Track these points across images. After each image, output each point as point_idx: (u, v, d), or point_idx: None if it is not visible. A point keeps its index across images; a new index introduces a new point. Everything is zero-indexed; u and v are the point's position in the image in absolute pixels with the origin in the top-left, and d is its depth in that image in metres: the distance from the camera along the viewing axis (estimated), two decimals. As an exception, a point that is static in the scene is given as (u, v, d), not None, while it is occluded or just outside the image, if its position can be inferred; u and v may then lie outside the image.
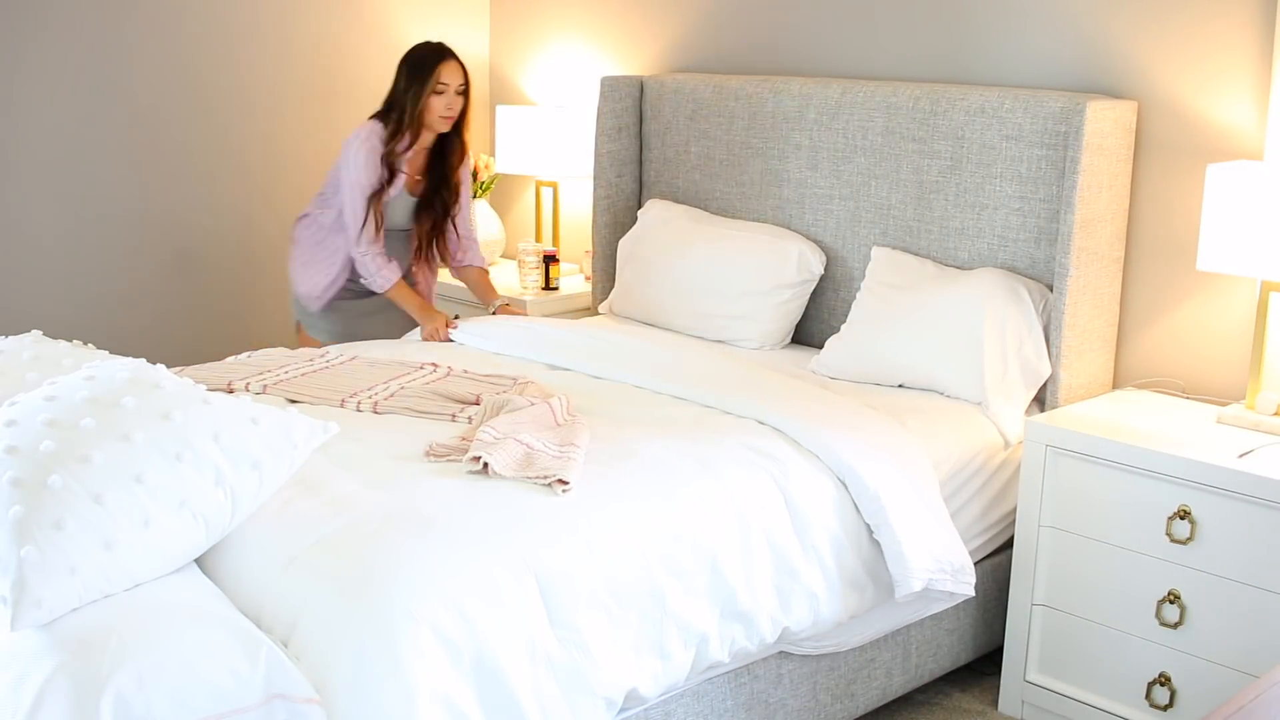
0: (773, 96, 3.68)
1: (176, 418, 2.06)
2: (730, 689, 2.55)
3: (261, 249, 4.39)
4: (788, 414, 2.76)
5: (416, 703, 1.92)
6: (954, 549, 2.70)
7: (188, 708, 1.78)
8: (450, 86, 3.50)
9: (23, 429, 2.00)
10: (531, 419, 2.61)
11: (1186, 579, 2.66)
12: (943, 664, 3.02)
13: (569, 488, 2.34)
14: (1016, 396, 3.06)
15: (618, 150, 4.05)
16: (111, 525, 1.92)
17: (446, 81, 3.49)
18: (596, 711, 2.18)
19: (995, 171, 3.21)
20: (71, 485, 1.91)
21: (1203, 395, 3.05)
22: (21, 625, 1.84)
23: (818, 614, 2.56)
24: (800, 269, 3.54)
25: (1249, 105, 2.93)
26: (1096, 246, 3.05)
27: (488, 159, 4.65)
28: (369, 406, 2.79)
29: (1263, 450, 2.66)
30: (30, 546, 1.84)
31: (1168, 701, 2.71)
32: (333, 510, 2.23)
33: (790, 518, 2.54)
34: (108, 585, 1.93)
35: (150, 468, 1.98)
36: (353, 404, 2.80)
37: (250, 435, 2.12)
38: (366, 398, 2.82)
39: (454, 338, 3.48)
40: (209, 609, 1.97)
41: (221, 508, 2.07)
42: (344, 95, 4.48)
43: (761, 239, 3.62)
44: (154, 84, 4.08)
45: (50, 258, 3.94)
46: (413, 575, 2.04)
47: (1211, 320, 3.05)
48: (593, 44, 4.45)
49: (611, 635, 2.22)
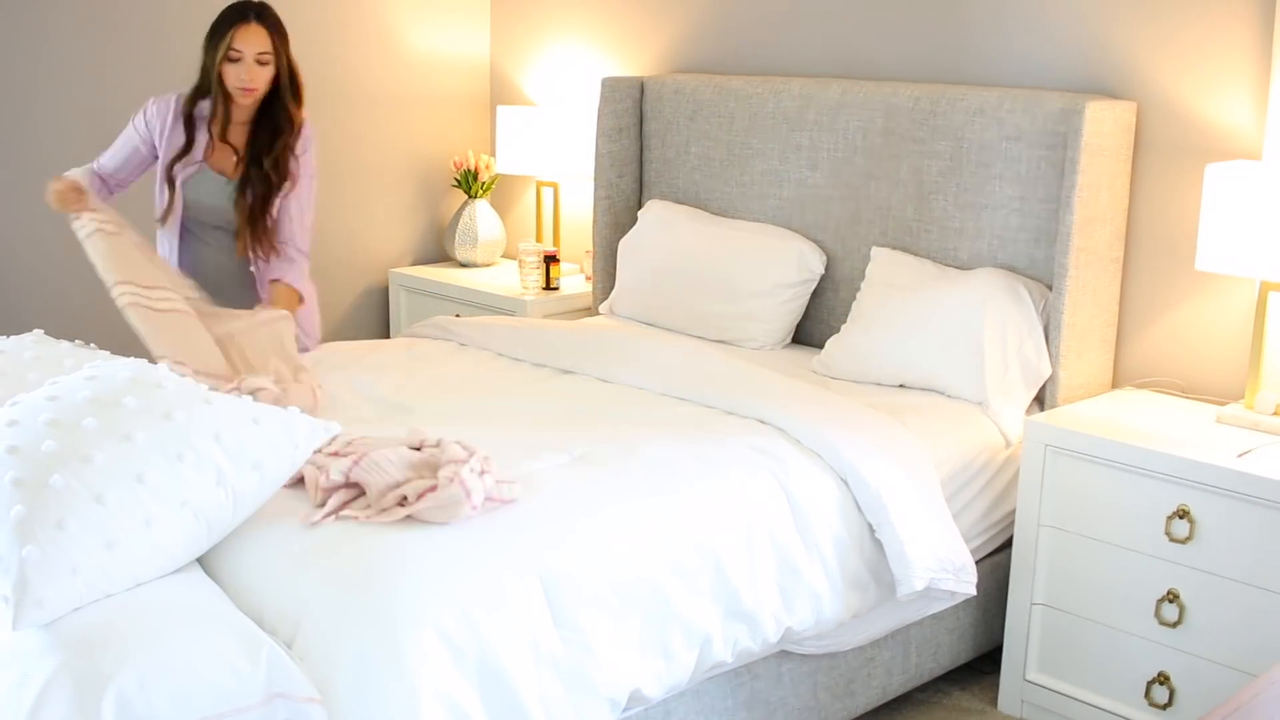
0: (773, 96, 3.69)
1: (178, 417, 2.06)
2: (730, 688, 2.56)
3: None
4: (790, 414, 2.76)
5: (420, 704, 1.93)
6: (956, 548, 2.71)
7: (189, 707, 1.78)
8: (246, 54, 3.06)
9: (24, 429, 2.00)
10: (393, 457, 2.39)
11: (1186, 578, 2.66)
12: (943, 663, 3.03)
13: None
14: (1017, 396, 3.06)
15: (618, 150, 4.05)
16: (113, 525, 1.92)
17: (240, 48, 3.05)
18: (600, 711, 2.18)
19: (995, 172, 3.22)
20: (73, 485, 1.91)
21: (1202, 395, 3.06)
22: (23, 625, 1.84)
23: (820, 613, 2.56)
24: (801, 269, 3.54)
25: (1248, 105, 2.93)
26: (1096, 246, 3.06)
27: (488, 159, 4.65)
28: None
29: (1262, 450, 2.66)
30: (32, 546, 1.84)
31: (1167, 700, 2.72)
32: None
33: (793, 517, 2.54)
34: (109, 585, 1.93)
35: (151, 467, 1.99)
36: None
37: (252, 435, 2.12)
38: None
39: (455, 338, 3.47)
40: (210, 609, 1.97)
41: (223, 507, 2.07)
42: (344, 97, 4.49)
43: (762, 239, 3.62)
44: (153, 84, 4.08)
45: (51, 257, 3.94)
46: (416, 576, 2.04)
47: (1211, 320, 3.06)
48: (593, 44, 4.46)
49: (615, 635, 2.22)
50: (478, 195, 4.64)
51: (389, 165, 4.67)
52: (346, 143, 4.53)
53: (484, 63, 4.86)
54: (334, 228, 4.55)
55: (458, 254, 4.64)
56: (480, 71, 4.84)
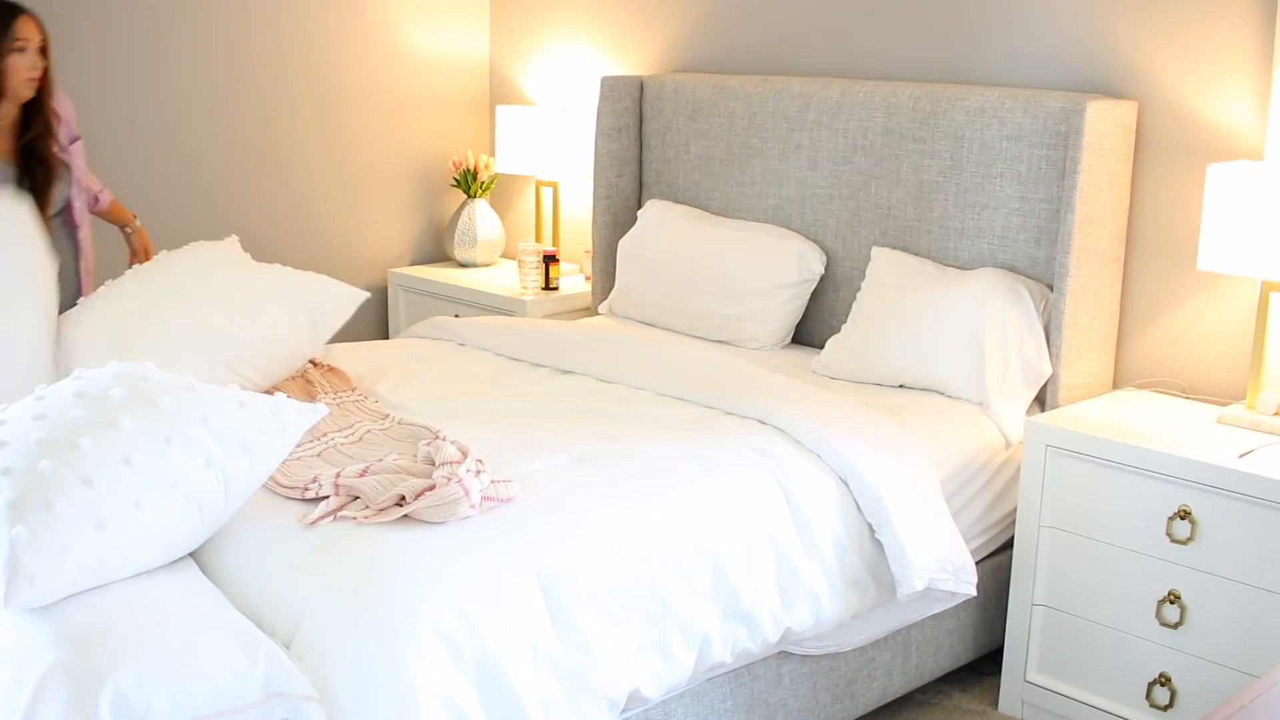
0: (773, 96, 3.68)
1: (164, 403, 2.07)
2: (730, 689, 2.55)
3: (263, 252, 4.38)
4: (789, 414, 2.76)
5: (418, 703, 1.92)
6: (956, 548, 2.70)
7: (186, 705, 1.78)
8: (30, 43, 3.10)
9: (12, 426, 2.02)
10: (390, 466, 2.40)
11: (1187, 579, 2.66)
12: (943, 664, 3.02)
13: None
14: (1017, 396, 3.06)
15: (618, 150, 4.05)
16: (103, 506, 1.93)
17: (26, 37, 3.09)
18: (599, 712, 2.18)
19: (995, 171, 3.21)
20: (61, 470, 1.92)
21: (1203, 395, 3.05)
22: (16, 603, 1.85)
23: (820, 614, 2.56)
24: (800, 269, 3.53)
25: (1249, 105, 2.93)
26: (1097, 246, 3.05)
27: (488, 159, 4.65)
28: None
29: (1263, 450, 2.66)
30: (21, 527, 1.86)
31: (1168, 702, 2.71)
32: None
33: (792, 517, 2.54)
34: (102, 567, 1.93)
35: (139, 451, 2.00)
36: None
37: (239, 418, 2.13)
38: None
39: (454, 338, 3.47)
40: (208, 608, 1.97)
41: (214, 490, 2.08)
42: (343, 96, 4.48)
43: (762, 239, 3.62)
44: (153, 85, 4.07)
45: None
46: (415, 576, 2.04)
47: (1212, 320, 3.05)
48: (593, 44, 4.45)
49: (614, 636, 2.22)
50: (477, 195, 4.63)
51: (388, 165, 4.67)
52: (346, 142, 4.52)
53: (483, 62, 4.85)
54: (333, 228, 4.55)
55: (457, 254, 4.64)
56: (480, 71, 4.84)
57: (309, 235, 4.49)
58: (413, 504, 2.18)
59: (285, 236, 4.43)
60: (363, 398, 2.91)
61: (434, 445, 2.41)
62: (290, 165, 4.41)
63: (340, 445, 2.58)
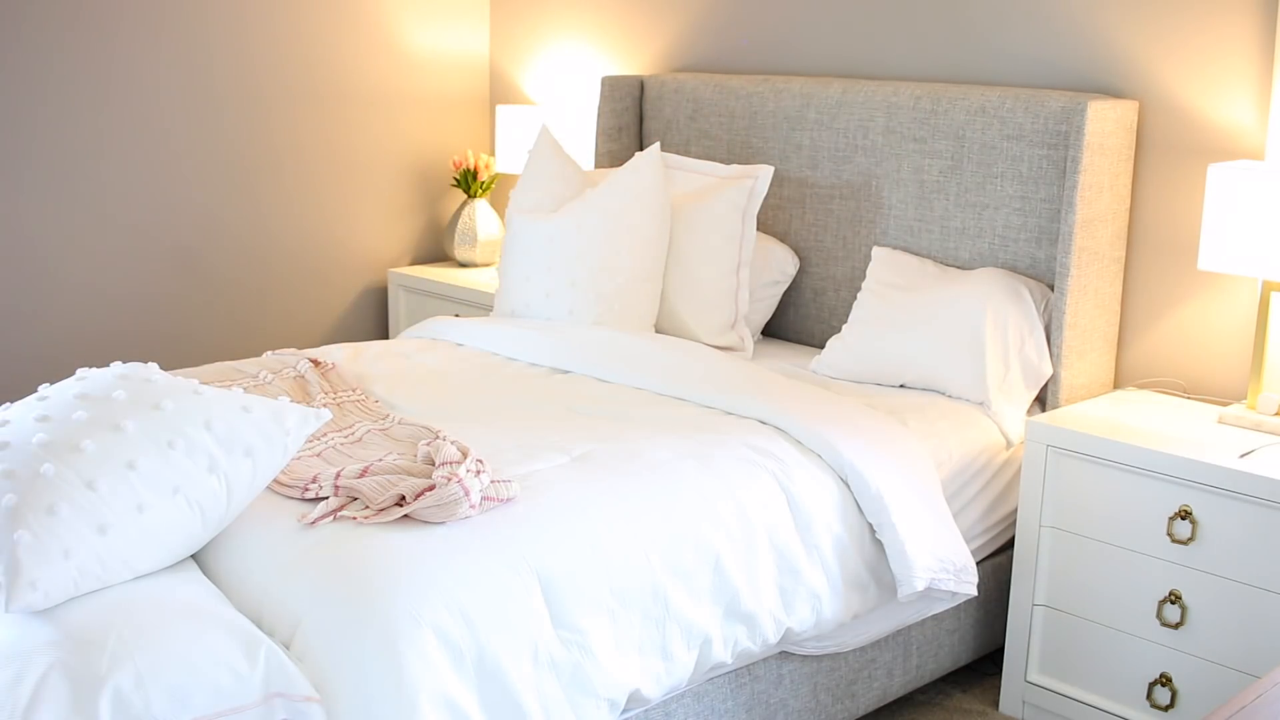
0: (773, 96, 3.68)
1: (167, 407, 2.07)
2: (730, 689, 2.55)
3: (263, 252, 4.38)
4: (790, 414, 2.75)
5: (418, 704, 1.92)
6: (956, 549, 2.70)
7: (186, 706, 1.78)
8: None
9: (15, 427, 2.02)
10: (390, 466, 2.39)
11: (1187, 579, 2.66)
12: (943, 664, 3.02)
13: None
14: (1018, 396, 3.05)
15: (618, 150, 4.04)
16: (105, 510, 1.93)
17: None
18: (599, 713, 2.18)
19: (996, 171, 3.21)
20: (64, 473, 1.92)
21: (1204, 395, 3.05)
22: (17, 607, 1.85)
23: (820, 614, 2.56)
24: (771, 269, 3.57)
25: (1250, 105, 2.93)
26: (1097, 246, 3.05)
27: (487, 158, 4.65)
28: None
29: (1264, 450, 2.65)
30: (23, 530, 1.86)
31: (1169, 702, 2.71)
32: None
33: (793, 518, 2.54)
34: (103, 571, 1.93)
35: (142, 455, 2.00)
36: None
37: (242, 422, 2.13)
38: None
39: (454, 338, 3.46)
40: (208, 608, 1.96)
41: (216, 495, 2.08)
42: (343, 96, 4.48)
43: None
44: (152, 86, 4.07)
45: (55, 263, 3.93)
46: (415, 577, 2.04)
47: (1212, 320, 3.05)
48: (593, 44, 4.45)
49: (614, 636, 2.21)
50: (477, 195, 4.63)
51: (388, 165, 4.66)
52: (346, 142, 4.52)
53: (483, 62, 4.85)
54: (332, 228, 4.54)
55: (457, 254, 4.64)
56: (480, 71, 4.84)
57: (309, 235, 4.49)
58: (413, 504, 2.18)
59: (285, 236, 4.43)
60: (363, 398, 2.91)
61: (434, 445, 2.40)
62: (290, 165, 4.41)
63: (340, 445, 2.58)
